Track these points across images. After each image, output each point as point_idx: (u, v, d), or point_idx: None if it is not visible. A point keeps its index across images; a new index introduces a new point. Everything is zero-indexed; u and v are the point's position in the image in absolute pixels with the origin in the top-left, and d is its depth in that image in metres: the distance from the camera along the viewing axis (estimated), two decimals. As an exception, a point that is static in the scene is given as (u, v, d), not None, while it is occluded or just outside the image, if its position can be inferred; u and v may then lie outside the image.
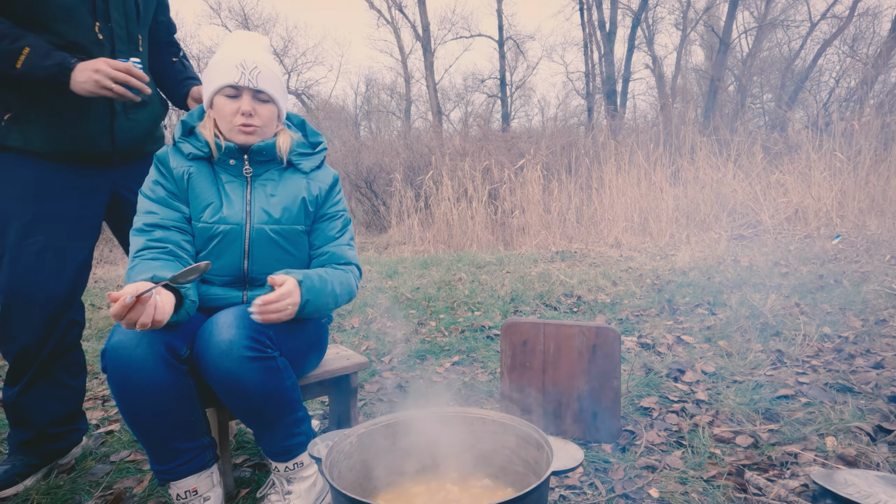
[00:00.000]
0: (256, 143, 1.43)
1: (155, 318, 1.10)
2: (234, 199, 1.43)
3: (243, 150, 1.44)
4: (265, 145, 1.44)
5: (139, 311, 1.07)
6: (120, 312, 1.05)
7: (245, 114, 1.39)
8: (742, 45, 14.08)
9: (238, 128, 1.41)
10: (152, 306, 1.09)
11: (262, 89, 1.41)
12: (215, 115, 1.44)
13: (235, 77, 1.38)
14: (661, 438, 1.73)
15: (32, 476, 1.64)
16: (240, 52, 1.41)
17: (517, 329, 1.81)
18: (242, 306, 1.32)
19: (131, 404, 1.22)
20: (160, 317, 1.11)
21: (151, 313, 1.09)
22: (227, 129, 1.42)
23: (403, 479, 1.25)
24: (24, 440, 1.64)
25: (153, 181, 1.43)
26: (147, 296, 1.07)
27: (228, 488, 1.53)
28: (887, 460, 1.50)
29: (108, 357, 1.21)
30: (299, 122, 1.60)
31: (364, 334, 3.21)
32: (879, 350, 2.33)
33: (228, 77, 1.38)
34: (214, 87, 1.41)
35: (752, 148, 6.76)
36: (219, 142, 1.42)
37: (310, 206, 1.50)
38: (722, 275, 3.92)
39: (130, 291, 1.05)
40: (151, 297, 1.09)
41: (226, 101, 1.40)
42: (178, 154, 1.44)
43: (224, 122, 1.42)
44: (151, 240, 1.34)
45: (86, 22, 1.50)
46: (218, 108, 1.42)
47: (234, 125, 1.41)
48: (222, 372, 1.23)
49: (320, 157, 1.58)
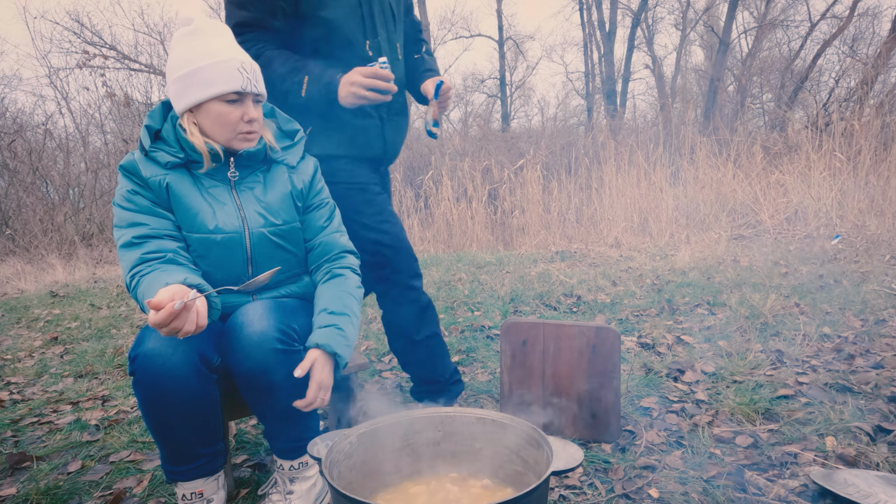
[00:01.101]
0: (255, 147, 1.38)
1: (198, 324, 1.06)
2: (224, 206, 1.36)
3: (229, 153, 1.37)
4: (261, 147, 1.39)
5: (184, 319, 1.03)
6: (166, 320, 1.00)
7: (251, 121, 1.33)
8: (742, 45, 14.09)
9: (243, 135, 1.34)
10: (195, 313, 1.05)
11: (261, 92, 1.35)
12: (209, 122, 1.33)
13: (240, 82, 1.29)
14: (660, 438, 1.73)
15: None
16: (232, 51, 1.31)
17: (517, 329, 1.81)
18: (269, 300, 1.31)
19: (159, 411, 1.20)
20: (202, 322, 1.07)
21: (195, 320, 1.05)
22: (226, 136, 1.34)
23: (403, 479, 1.25)
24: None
25: (128, 191, 1.32)
26: (191, 302, 1.04)
27: (228, 488, 1.53)
28: (887, 460, 1.50)
29: (139, 363, 1.17)
30: (269, 109, 1.51)
31: (364, 334, 3.21)
32: (879, 350, 2.33)
33: (232, 83, 1.28)
34: (212, 93, 1.29)
35: (751, 148, 6.76)
36: (213, 147, 1.33)
37: (297, 200, 1.46)
38: (722, 275, 3.92)
39: (169, 298, 1.00)
40: (194, 303, 1.05)
41: (228, 108, 1.31)
42: (150, 163, 1.33)
43: (225, 130, 1.33)
44: (147, 252, 1.25)
45: (359, 43, 1.65)
46: (215, 116, 1.31)
47: (238, 132, 1.33)
48: (253, 363, 1.22)
49: (301, 146, 1.51)
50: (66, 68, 13.76)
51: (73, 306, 4.68)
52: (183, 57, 1.30)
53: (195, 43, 1.30)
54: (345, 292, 1.41)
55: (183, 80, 1.30)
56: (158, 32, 15.79)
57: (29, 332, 3.91)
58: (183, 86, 1.30)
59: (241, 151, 1.36)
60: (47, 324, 4.09)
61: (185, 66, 1.29)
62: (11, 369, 3.01)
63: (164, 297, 1.01)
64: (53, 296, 5.27)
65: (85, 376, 2.81)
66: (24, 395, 2.59)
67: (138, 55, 15.19)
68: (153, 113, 1.38)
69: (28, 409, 2.38)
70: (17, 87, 19.65)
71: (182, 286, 1.09)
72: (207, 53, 1.28)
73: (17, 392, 2.63)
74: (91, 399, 2.45)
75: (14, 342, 3.63)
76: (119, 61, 14.51)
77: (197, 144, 1.32)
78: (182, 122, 1.33)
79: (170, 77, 1.32)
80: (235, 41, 1.37)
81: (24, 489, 1.64)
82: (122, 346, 3.29)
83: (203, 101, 1.30)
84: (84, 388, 2.63)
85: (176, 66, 1.30)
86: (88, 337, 3.63)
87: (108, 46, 14.74)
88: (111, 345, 3.35)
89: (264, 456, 1.81)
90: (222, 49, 1.30)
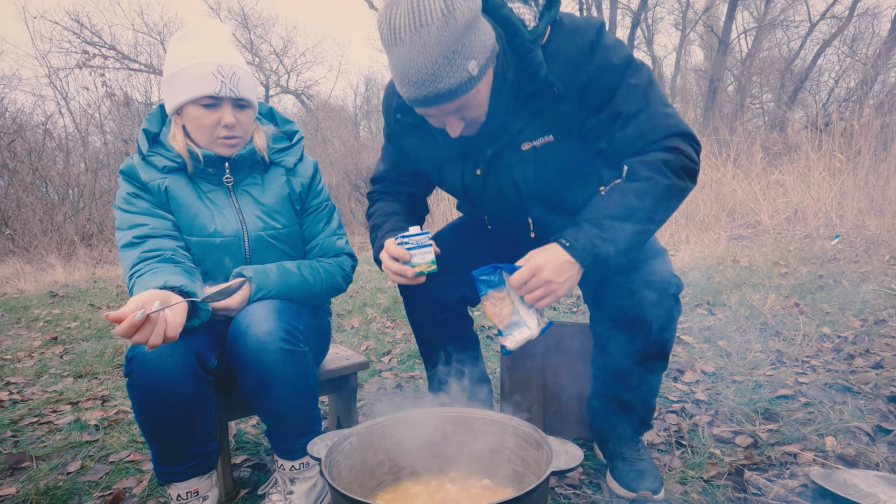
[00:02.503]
0: (239, 153, 1.37)
1: (166, 335, 1.01)
2: (223, 209, 1.37)
3: (223, 157, 1.37)
4: (246, 153, 1.38)
5: (149, 331, 0.98)
6: (128, 332, 0.96)
7: (228, 126, 1.31)
8: (741, 45, 14.09)
9: (221, 140, 1.33)
10: (162, 325, 1.00)
11: (242, 97, 1.32)
12: (190, 126, 1.32)
13: (214, 87, 1.26)
14: (660, 438, 1.73)
15: None
16: (212, 54, 1.28)
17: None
18: (273, 300, 1.31)
19: (153, 412, 1.20)
20: (171, 333, 1.02)
21: (161, 332, 1.00)
22: (206, 140, 1.33)
23: (403, 479, 1.26)
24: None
25: (128, 194, 1.33)
26: (155, 314, 0.99)
27: (228, 488, 1.53)
28: (886, 460, 1.50)
29: (135, 364, 1.17)
30: (267, 111, 1.52)
31: (364, 334, 3.21)
32: (879, 350, 2.33)
33: (206, 86, 1.26)
34: (187, 97, 1.27)
35: (751, 148, 6.76)
36: (194, 152, 1.32)
37: (295, 203, 1.47)
38: (721, 275, 3.92)
39: (132, 308, 0.97)
40: (160, 314, 1.00)
41: (203, 112, 1.29)
42: (149, 167, 1.34)
43: (203, 135, 1.32)
44: (146, 251, 1.27)
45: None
46: (193, 119, 1.30)
47: (215, 137, 1.32)
48: (259, 363, 1.22)
49: (299, 148, 1.51)
50: (65, 68, 13.77)
51: (73, 306, 4.68)
52: (169, 61, 1.31)
53: (182, 46, 1.30)
54: (315, 263, 1.44)
55: (166, 83, 1.32)
56: (158, 32, 15.82)
57: (28, 332, 3.91)
58: (167, 89, 1.32)
59: (233, 156, 1.36)
60: (47, 324, 4.09)
61: (169, 70, 1.31)
62: (11, 369, 3.00)
63: (128, 307, 0.98)
64: (53, 296, 5.26)
65: (84, 376, 2.81)
66: (24, 396, 2.59)
67: (138, 55, 15.22)
68: (151, 116, 1.39)
69: (28, 409, 2.38)
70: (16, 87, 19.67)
71: (156, 292, 1.07)
72: (187, 57, 1.28)
73: (16, 392, 2.63)
74: (90, 399, 2.45)
75: (14, 342, 3.63)
76: (119, 61, 14.53)
77: (177, 148, 1.32)
78: (172, 124, 1.34)
79: (162, 81, 1.34)
80: (224, 43, 1.34)
81: (23, 489, 1.64)
82: (121, 347, 3.29)
83: (182, 105, 1.30)
84: (83, 388, 2.63)
85: (165, 69, 1.33)
86: (88, 337, 3.63)
87: (107, 46, 14.76)
88: (111, 345, 3.35)
89: (264, 456, 1.81)
90: (202, 52, 1.29)
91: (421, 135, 1.36)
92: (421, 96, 1.09)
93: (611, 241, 1.16)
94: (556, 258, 1.18)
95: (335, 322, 3.53)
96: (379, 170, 1.56)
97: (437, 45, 1.03)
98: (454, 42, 1.04)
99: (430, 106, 1.12)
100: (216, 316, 1.33)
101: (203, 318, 1.22)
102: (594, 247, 1.17)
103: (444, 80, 1.06)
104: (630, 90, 1.19)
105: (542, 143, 1.26)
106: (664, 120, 1.20)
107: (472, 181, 1.37)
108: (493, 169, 1.33)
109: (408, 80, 1.08)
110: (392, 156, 1.51)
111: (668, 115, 1.21)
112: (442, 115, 1.16)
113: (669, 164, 1.17)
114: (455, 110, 1.14)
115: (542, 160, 1.28)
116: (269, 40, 20.75)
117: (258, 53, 17.82)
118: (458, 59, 1.05)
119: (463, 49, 1.05)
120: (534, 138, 1.26)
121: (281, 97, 18.47)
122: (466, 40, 1.05)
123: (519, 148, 1.28)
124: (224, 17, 17.60)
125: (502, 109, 1.22)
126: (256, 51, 17.82)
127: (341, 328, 3.41)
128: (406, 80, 1.08)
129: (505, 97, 1.20)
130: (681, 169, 1.19)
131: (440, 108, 1.12)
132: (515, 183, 1.32)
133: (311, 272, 1.42)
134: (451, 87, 1.07)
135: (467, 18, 1.04)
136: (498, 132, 1.27)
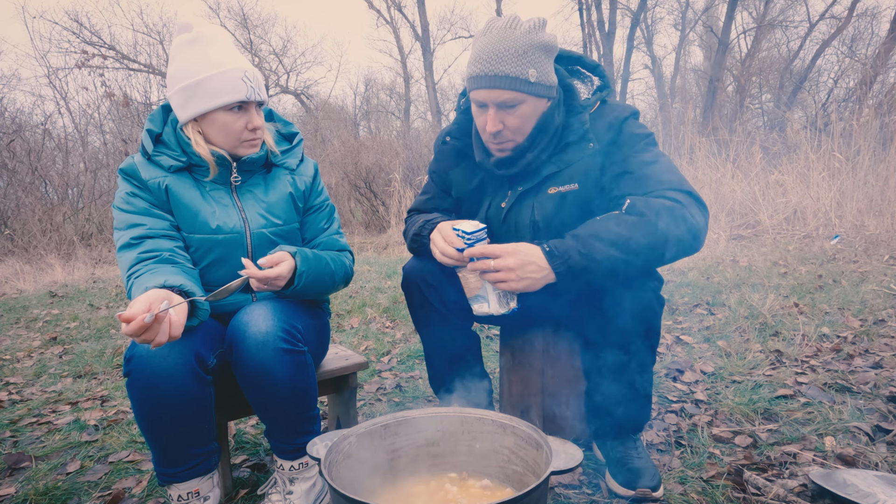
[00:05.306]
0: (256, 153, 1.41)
1: (171, 335, 1.05)
2: (226, 207, 1.39)
3: (232, 157, 1.39)
4: (261, 154, 1.42)
5: (156, 330, 1.02)
6: (136, 332, 0.99)
7: (255, 129, 1.36)
8: (741, 45, 14.09)
9: (248, 142, 1.37)
10: (167, 324, 1.04)
11: (264, 99, 1.37)
12: (214, 131, 1.35)
13: (244, 92, 1.31)
14: (660, 438, 1.73)
15: None
16: (235, 60, 1.32)
17: (516, 329, 1.81)
18: (272, 300, 1.32)
19: (153, 412, 1.20)
20: (175, 332, 1.06)
21: (167, 331, 1.04)
22: (232, 143, 1.36)
23: (402, 479, 1.25)
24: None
25: (127, 194, 1.34)
26: (163, 313, 1.03)
27: (227, 488, 1.53)
28: (886, 460, 1.50)
29: (134, 364, 1.17)
30: (267, 112, 1.55)
31: (363, 334, 3.21)
32: (878, 350, 2.33)
33: (237, 93, 1.30)
34: (217, 104, 1.30)
35: (750, 148, 6.76)
36: (219, 154, 1.35)
37: (298, 201, 1.50)
38: (721, 275, 3.92)
39: (142, 309, 1.00)
40: (167, 314, 1.04)
41: (233, 118, 1.33)
42: (152, 166, 1.36)
43: (230, 138, 1.35)
44: (144, 252, 1.28)
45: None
46: (221, 125, 1.33)
47: (243, 140, 1.36)
48: (257, 363, 1.22)
49: (300, 150, 1.55)
50: (64, 68, 13.77)
51: (72, 306, 4.68)
52: (185, 67, 1.30)
53: (197, 52, 1.30)
54: (335, 253, 1.50)
55: (186, 90, 1.31)
56: (157, 32, 15.81)
57: (28, 332, 3.91)
58: (186, 96, 1.31)
59: (244, 157, 1.38)
60: (46, 324, 4.09)
61: (189, 77, 1.29)
62: (10, 369, 3.00)
63: (137, 307, 1.00)
64: (52, 296, 5.26)
65: (84, 376, 2.81)
66: (23, 396, 2.58)
67: (137, 55, 15.21)
68: (153, 116, 1.39)
69: (27, 409, 2.38)
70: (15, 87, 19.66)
71: (159, 291, 1.09)
72: (210, 64, 1.29)
73: (15, 392, 2.63)
74: (90, 399, 2.45)
75: (13, 342, 3.62)
76: (118, 61, 14.52)
77: (203, 154, 1.34)
78: (186, 131, 1.35)
79: (173, 86, 1.33)
80: (235, 47, 1.37)
81: (22, 489, 1.64)
82: (120, 347, 3.28)
83: (208, 112, 1.32)
84: (83, 388, 2.63)
85: (179, 76, 1.31)
86: (87, 337, 3.63)
87: (107, 46, 14.76)
88: (110, 345, 3.34)
89: (264, 456, 1.81)
90: (225, 59, 1.31)
91: (463, 160, 1.54)
92: (483, 73, 1.26)
93: (588, 259, 1.24)
94: (530, 255, 1.27)
95: (335, 322, 3.53)
96: (415, 203, 1.69)
97: (516, 40, 1.24)
98: (530, 46, 1.25)
99: (486, 88, 1.28)
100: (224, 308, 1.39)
101: (202, 317, 1.22)
102: (570, 258, 1.25)
103: (508, 67, 1.25)
104: (647, 152, 1.36)
105: (567, 190, 1.41)
106: (674, 176, 1.33)
107: (496, 213, 1.49)
108: (517, 205, 1.46)
109: (480, 57, 1.27)
110: (430, 190, 1.66)
111: (679, 176, 1.34)
112: (491, 102, 1.30)
113: (670, 210, 1.25)
114: (502, 104, 1.29)
115: (564, 205, 1.41)
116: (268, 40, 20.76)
117: (258, 53, 17.83)
118: (526, 58, 1.25)
119: (533, 56, 1.26)
120: (561, 184, 1.41)
121: (280, 97, 18.48)
122: (539, 54, 1.27)
123: (546, 191, 1.42)
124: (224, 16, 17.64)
125: (541, 147, 1.39)
126: (256, 51, 17.83)
127: (341, 328, 3.41)
128: (479, 57, 1.27)
129: (546, 136, 1.38)
130: (680, 219, 1.24)
131: (492, 92, 1.28)
132: (535, 222, 1.44)
133: (330, 259, 1.46)
134: (510, 75, 1.25)
135: (546, 43, 1.27)
136: (531, 173, 1.43)
